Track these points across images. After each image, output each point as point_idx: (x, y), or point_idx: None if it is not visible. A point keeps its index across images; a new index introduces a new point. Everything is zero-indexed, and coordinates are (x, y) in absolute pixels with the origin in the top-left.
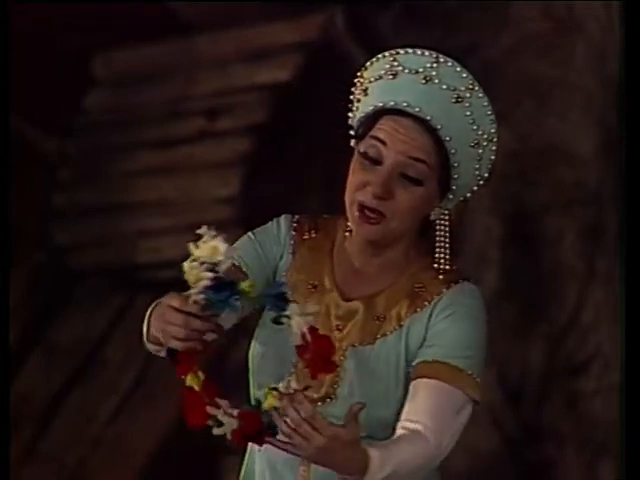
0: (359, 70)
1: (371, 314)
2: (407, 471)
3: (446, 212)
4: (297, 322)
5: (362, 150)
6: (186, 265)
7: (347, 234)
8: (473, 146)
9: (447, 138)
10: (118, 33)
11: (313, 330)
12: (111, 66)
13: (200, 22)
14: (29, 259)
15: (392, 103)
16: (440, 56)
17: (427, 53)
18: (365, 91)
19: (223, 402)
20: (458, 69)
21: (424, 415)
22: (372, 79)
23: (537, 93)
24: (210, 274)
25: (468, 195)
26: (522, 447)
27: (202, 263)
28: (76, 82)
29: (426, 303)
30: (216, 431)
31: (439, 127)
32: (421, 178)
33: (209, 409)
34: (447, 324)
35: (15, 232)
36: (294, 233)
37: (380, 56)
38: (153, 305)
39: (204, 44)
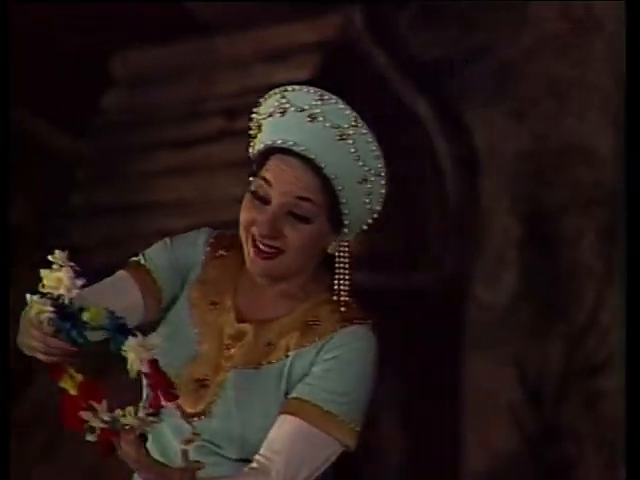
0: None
1: (261, 339)
2: None
3: (345, 244)
4: (134, 356)
5: (252, 189)
6: (28, 297)
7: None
8: (360, 182)
9: (332, 176)
10: (136, 33)
11: (153, 364)
12: (129, 66)
13: (218, 22)
14: (43, 257)
15: (280, 142)
16: (325, 93)
17: (312, 90)
18: (259, 127)
19: (100, 406)
20: (341, 106)
21: (277, 451)
22: (265, 115)
23: (555, 93)
24: (49, 308)
25: (364, 228)
26: (542, 447)
27: (44, 294)
28: (94, 82)
29: (316, 339)
30: (89, 437)
31: (324, 165)
32: (308, 216)
33: (82, 414)
34: (330, 366)
35: (33, 231)
36: (208, 249)
37: (272, 92)
38: (25, 310)
39: (223, 44)
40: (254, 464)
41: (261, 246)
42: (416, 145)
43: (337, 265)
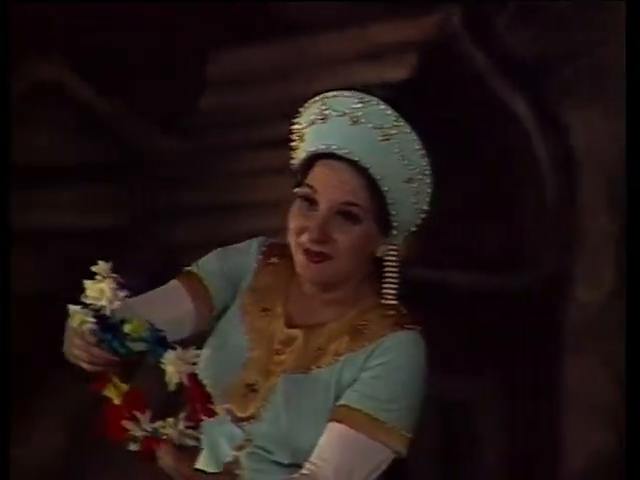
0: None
1: (311, 345)
2: None
3: (394, 247)
4: (173, 369)
5: (299, 194)
6: (71, 308)
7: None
8: (407, 181)
9: (378, 177)
10: (233, 34)
11: (192, 378)
12: (226, 67)
13: (315, 22)
14: (145, 258)
15: (323, 147)
16: (365, 96)
17: (352, 94)
18: (301, 137)
19: (143, 416)
20: (382, 107)
21: (327, 459)
22: (306, 124)
23: None
24: (91, 319)
25: (413, 230)
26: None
27: (86, 305)
28: (192, 82)
29: (366, 344)
30: (132, 447)
31: (369, 166)
32: (356, 218)
33: (125, 423)
34: (379, 372)
35: (127, 232)
36: (260, 257)
37: (311, 101)
38: (68, 319)
39: (320, 44)
40: (304, 470)
41: (312, 249)
42: (514, 145)
43: (386, 269)
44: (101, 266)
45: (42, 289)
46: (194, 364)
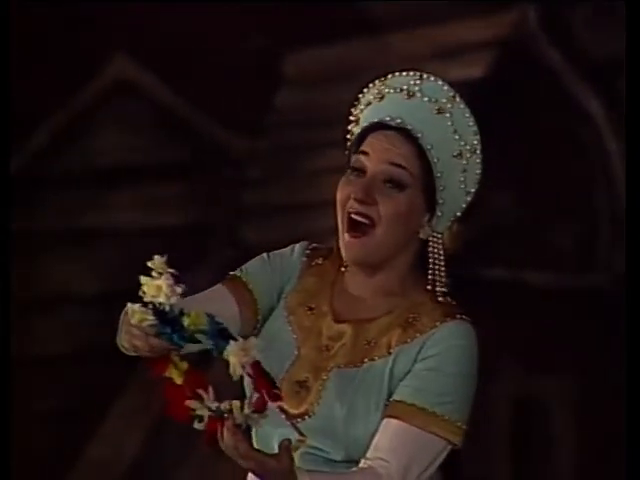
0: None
1: (361, 338)
2: None
3: (438, 235)
4: (235, 360)
5: (349, 167)
6: (129, 307)
7: (343, 268)
8: (456, 156)
9: (428, 146)
10: (309, 33)
11: (256, 365)
12: (302, 65)
13: (391, 21)
14: (223, 255)
15: (375, 120)
16: (424, 74)
17: (412, 73)
18: (357, 121)
19: (206, 394)
20: (440, 82)
21: (391, 458)
22: (362, 107)
23: None
24: (151, 317)
25: (458, 214)
26: None
27: (145, 304)
28: (267, 81)
29: (418, 335)
30: (197, 425)
31: (420, 135)
32: (402, 182)
33: (189, 402)
34: (432, 364)
35: (205, 230)
36: (305, 259)
37: (370, 85)
38: (124, 310)
39: (395, 42)
40: (363, 465)
41: (354, 216)
42: (587, 144)
43: (430, 257)
44: (157, 262)
45: (115, 288)
46: (255, 353)
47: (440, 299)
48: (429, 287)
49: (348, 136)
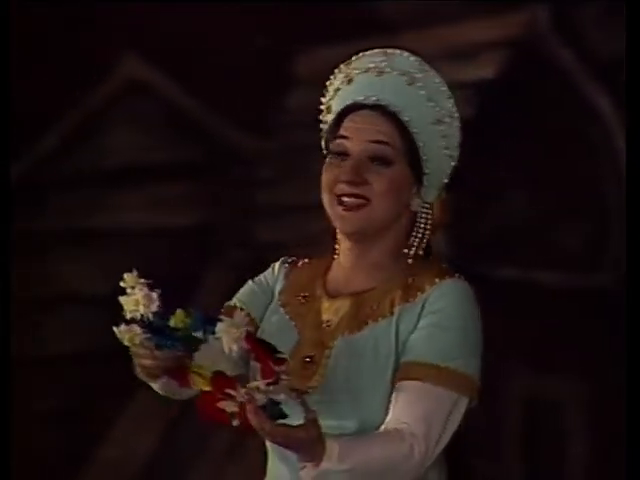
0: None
1: (362, 306)
2: (379, 469)
3: (427, 205)
4: (228, 338)
5: (331, 150)
6: (116, 331)
7: (335, 256)
8: (434, 123)
9: (406, 119)
10: (320, 32)
11: (249, 337)
12: (313, 66)
13: (403, 20)
14: (233, 256)
15: (350, 101)
16: (387, 50)
17: (376, 51)
18: (328, 109)
19: (236, 392)
20: (406, 54)
21: (411, 419)
22: (332, 94)
23: None
24: (138, 331)
25: (445, 181)
26: None
27: (128, 321)
28: (278, 81)
29: (419, 293)
30: (234, 423)
31: (397, 110)
32: (388, 158)
33: (221, 404)
34: (437, 320)
35: (215, 230)
36: (287, 265)
37: (336, 71)
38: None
39: (406, 42)
40: (383, 428)
41: (346, 199)
42: (597, 144)
43: (417, 224)
44: (127, 277)
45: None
46: (245, 325)
47: (432, 263)
48: (406, 250)
49: (323, 125)
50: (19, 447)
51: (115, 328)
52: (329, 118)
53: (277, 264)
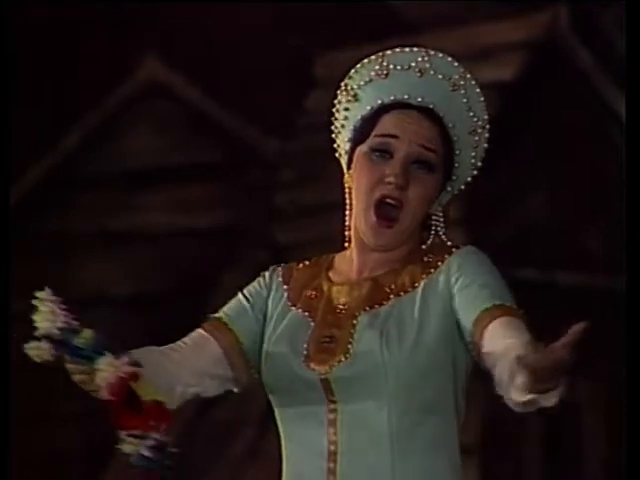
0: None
1: (381, 284)
2: None
3: (440, 207)
4: (100, 374)
5: (368, 148)
6: (25, 348)
7: (341, 256)
8: (471, 133)
9: (450, 125)
10: (340, 34)
11: (122, 380)
12: (333, 67)
13: (423, 21)
14: (254, 257)
15: (392, 98)
16: (429, 50)
17: (416, 49)
18: (355, 97)
19: (143, 436)
20: (449, 59)
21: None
22: (361, 83)
23: None
24: (45, 347)
25: (462, 187)
26: None
27: (41, 338)
28: (298, 83)
29: (439, 263)
30: (124, 450)
31: (442, 115)
32: (432, 166)
33: (124, 433)
34: (472, 277)
35: (236, 231)
36: (281, 272)
37: (365, 61)
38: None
39: (428, 43)
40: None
41: (390, 200)
42: (618, 145)
43: (434, 224)
44: (39, 295)
45: (146, 289)
46: (126, 369)
47: (442, 242)
48: (423, 246)
49: (345, 113)
50: (40, 448)
51: (25, 346)
52: (355, 107)
53: (267, 273)
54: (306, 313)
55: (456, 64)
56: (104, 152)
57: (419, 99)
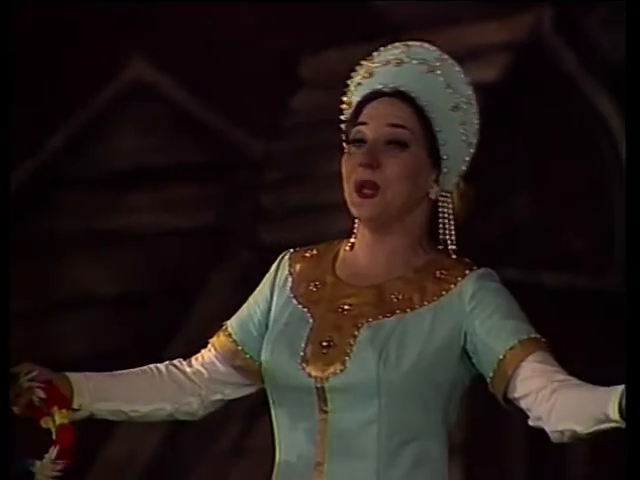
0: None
1: (387, 294)
2: None
3: (447, 194)
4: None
5: (351, 139)
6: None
7: (348, 248)
8: (452, 109)
9: (424, 103)
10: (326, 35)
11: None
12: (318, 68)
13: (410, 23)
14: (239, 256)
15: (368, 91)
16: (408, 42)
17: (397, 44)
18: (350, 104)
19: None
20: (425, 46)
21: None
22: (353, 89)
23: None
24: None
25: (463, 169)
26: None
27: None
28: (284, 84)
29: (452, 286)
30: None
31: (414, 95)
32: (404, 140)
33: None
34: (493, 307)
35: (222, 231)
36: (290, 260)
37: (357, 68)
38: None
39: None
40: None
41: (363, 178)
42: (602, 146)
43: (441, 217)
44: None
45: (132, 290)
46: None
47: (454, 256)
48: (440, 246)
49: (343, 125)
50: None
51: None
52: (349, 113)
53: (277, 262)
54: (305, 309)
55: (432, 49)
56: (91, 152)
57: (392, 85)
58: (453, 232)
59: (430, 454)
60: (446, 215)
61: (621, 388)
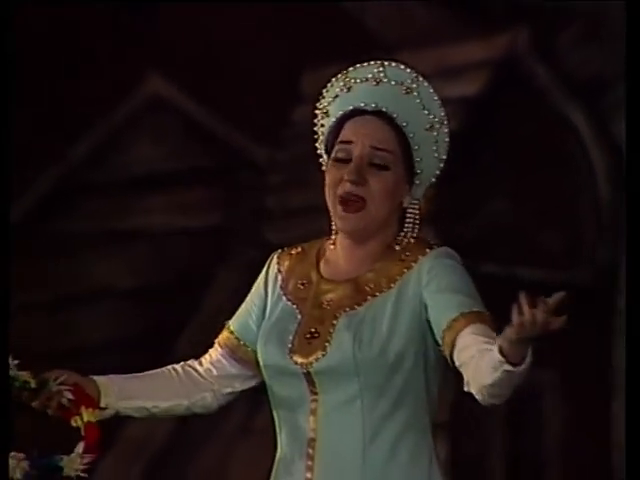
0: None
1: (362, 285)
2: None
3: (416, 201)
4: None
5: (333, 156)
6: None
7: (332, 246)
8: (428, 129)
9: (404, 124)
10: (324, 53)
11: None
12: (319, 83)
13: (399, 42)
14: (245, 255)
15: (350, 107)
16: (384, 61)
17: (373, 62)
18: (326, 113)
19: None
20: (402, 67)
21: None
22: (330, 100)
23: None
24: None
25: (432, 180)
26: None
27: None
28: (286, 97)
29: (413, 264)
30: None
31: (395, 116)
32: (387, 164)
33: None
34: (443, 277)
35: (229, 232)
36: (278, 259)
37: (333, 79)
38: None
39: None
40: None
41: (349, 191)
42: (573, 155)
43: (408, 221)
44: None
45: (148, 284)
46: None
47: (419, 240)
48: (397, 247)
49: (317, 128)
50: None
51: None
52: (327, 122)
53: (266, 264)
54: (294, 306)
55: (408, 70)
56: (110, 160)
57: (373, 104)
58: (415, 232)
59: (414, 424)
60: (412, 219)
61: (503, 333)
